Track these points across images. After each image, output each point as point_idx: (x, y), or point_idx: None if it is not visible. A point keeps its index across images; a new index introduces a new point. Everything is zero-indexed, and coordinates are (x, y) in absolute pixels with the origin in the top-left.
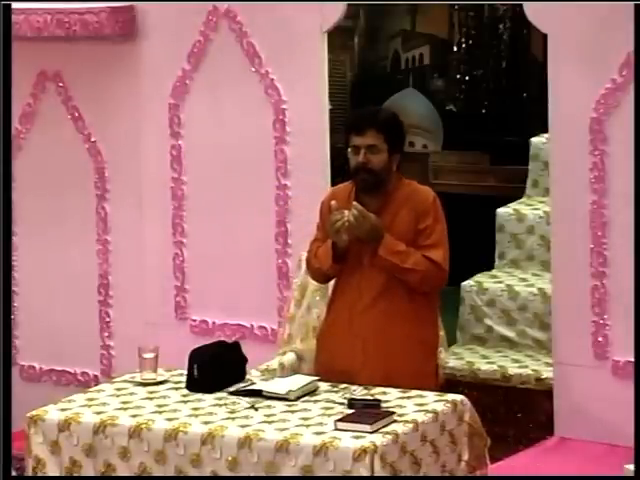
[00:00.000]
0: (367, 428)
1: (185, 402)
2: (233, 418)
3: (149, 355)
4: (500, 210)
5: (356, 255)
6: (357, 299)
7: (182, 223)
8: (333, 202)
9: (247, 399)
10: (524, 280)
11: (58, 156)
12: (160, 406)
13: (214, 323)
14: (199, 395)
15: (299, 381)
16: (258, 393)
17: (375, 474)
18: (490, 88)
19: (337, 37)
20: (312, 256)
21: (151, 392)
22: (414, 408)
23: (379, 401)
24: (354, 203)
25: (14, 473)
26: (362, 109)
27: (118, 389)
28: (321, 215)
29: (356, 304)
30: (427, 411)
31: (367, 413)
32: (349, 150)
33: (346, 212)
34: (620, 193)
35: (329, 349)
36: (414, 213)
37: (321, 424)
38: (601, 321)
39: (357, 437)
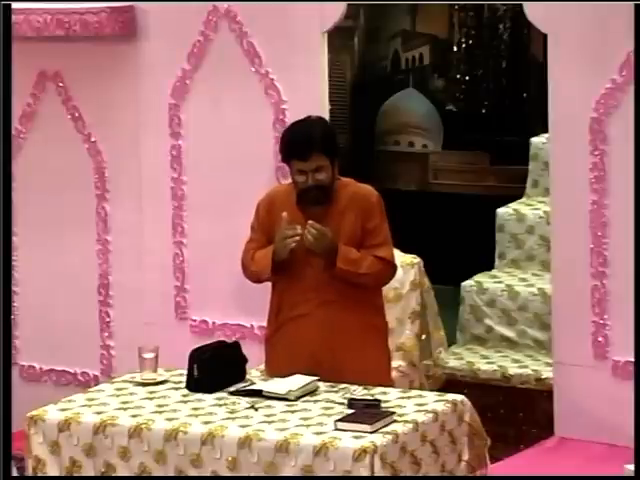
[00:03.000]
0: (367, 428)
1: (185, 402)
2: (233, 418)
3: (149, 355)
4: (500, 210)
5: (305, 257)
6: (309, 297)
7: (182, 223)
8: (285, 214)
9: (247, 399)
10: (524, 280)
11: (58, 156)
12: (160, 406)
13: (214, 323)
14: (199, 395)
15: (299, 381)
16: (258, 393)
17: (375, 474)
18: (490, 88)
19: (337, 37)
20: (249, 258)
21: (151, 392)
22: (414, 408)
23: (379, 401)
24: (310, 222)
25: (14, 473)
26: (295, 129)
27: (118, 389)
28: (257, 216)
29: (308, 302)
30: (427, 411)
31: (367, 413)
32: (293, 170)
33: (299, 228)
34: (620, 193)
35: (282, 349)
36: (360, 214)
37: (321, 424)
38: (601, 321)
39: (357, 437)
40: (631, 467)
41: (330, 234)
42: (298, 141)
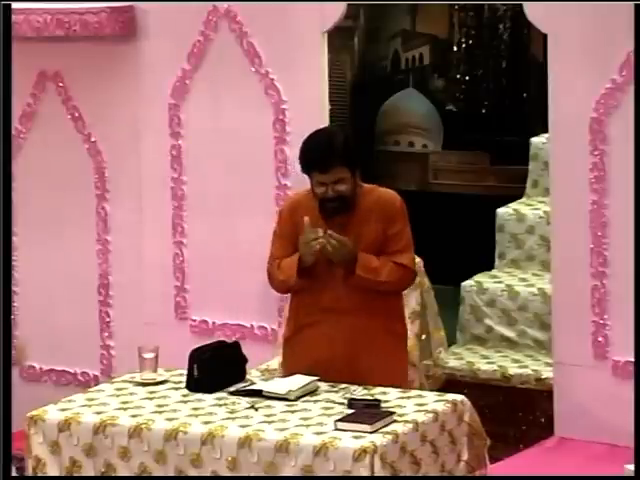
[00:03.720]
0: (367, 428)
1: (185, 402)
2: (233, 418)
3: (149, 355)
4: (500, 210)
5: (328, 263)
6: (331, 302)
7: (182, 223)
8: (306, 219)
9: (247, 399)
10: (524, 280)
11: (58, 156)
12: (160, 406)
13: (214, 323)
14: (199, 395)
15: (299, 381)
16: (258, 393)
17: (375, 474)
18: (490, 88)
19: (337, 37)
20: (275, 267)
21: (151, 392)
22: (414, 408)
23: (379, 401)
24: (330, 232)
25: (14, 473)
26: (315, 140)
27: (118, 389)
28: (280, 223)
29: (331, 307)
30: (427, 411)
31: (367, 413)
32: (313, 182)
33: (320, 231)
34: (620, 193)
35: (302, 351)
36: (382, 219)
37: (321, 424)
38: (601, 321)
39: (357, 437)
40: (631, 467)
41: (350, 244)
42: (318, 153)
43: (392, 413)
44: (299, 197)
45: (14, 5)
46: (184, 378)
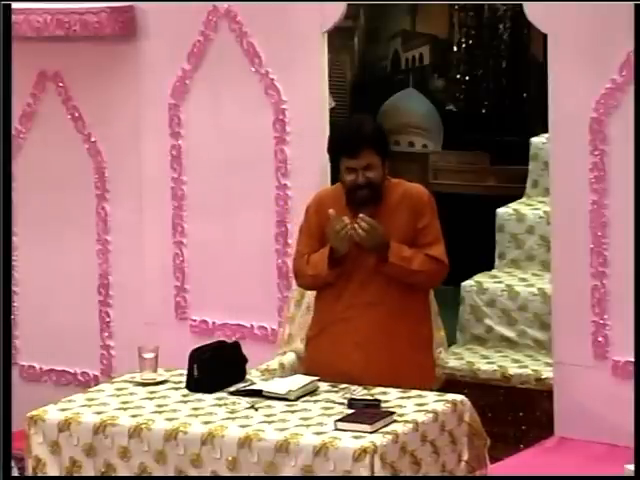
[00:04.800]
0: (367, 428)
1: (185, 402)
2: (233, 418)
3: (149, 355)
4: (500, 210)
5: (354, 258)
6: (357, 299)
7: (182, 223)
8: (331, 210)
9: (247, 399)
10: (524, 280)
11: (58, 156)
12: (160, 406)
13: (214, 323)
14: (199, 395)
15: (299, 381)
16: (258, 393)
17: (375, 474)
18: (490, 88)
19: (337, 37)
20: (303, 264)
21: (151, 392)
22: (414, 408)
23: (379, 401)
24: (361, 215)
25: (15, 473)
26: (346, 126)
27: (118, 389)
28: (307, 219)
29: (356, 304)
30: (427, 411)
31: (367, 413)
32: (342, 169)
33: (346, 219)
34: (620, 193)
35: (327, 350)
36: (411, 213)
37: (321, 424)
38: (601, 321)
39: (357, 437)
40: (631, 467)
41: (381, 228)
42: (348, 137)
43: (392, 413)
44: (325, 193)
45: (14, 5)
46: (184, 378)
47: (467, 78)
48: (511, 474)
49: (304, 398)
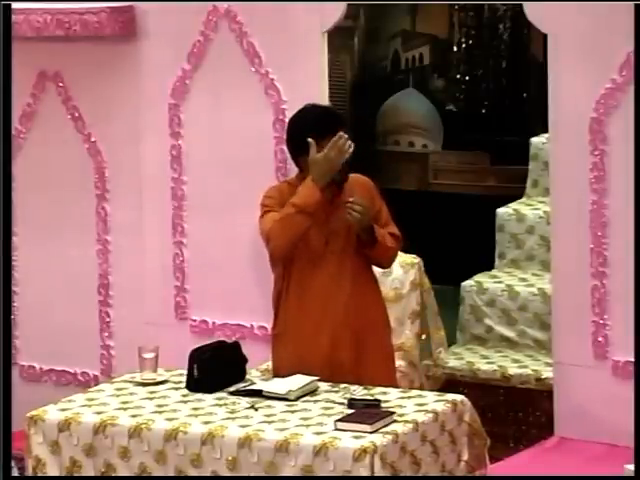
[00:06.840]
0: (367, 428)
1: (185, 402)
2: (233, 418)
3: (149, 355)
4: (500, 210)
5: (319, 246)
6: (332, 287)
7: (182, 223)
8: (310, 139)
9: (247, 399)
10: (524, 280)
11: (58, 156)
12: (160, 406)
13: (214, 323)
14: (199, 395)
15: (299, 381)
16: (258, 393)
17: (375, 474)
18: (490, 88)
19: (337, 37)
20: (279, 220)
21: (151, 392)
22: (414, 408)
23: (379, 401)
24: (355, 197)
25: (15, 473)
26: (310, 109)
27: (118, 389)
28: (271, 198)
29: (333, 293)
30: (427, 411)
31: (367, 413)
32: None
33: (345, 136)
34: (620, 193)
35: (302, 339)
36: (366, 197)
37: (321, 424)
38: (601, 321)
39: (357, 437)
40: (631, 467)
41: (371, 210)
42: (319, 116)
43: (392, 413)
44: (281, 186)
45: (14, 5)
46: (184, 378)
47: (467, 78)
48: (511, 474)
49: (304, 398)
